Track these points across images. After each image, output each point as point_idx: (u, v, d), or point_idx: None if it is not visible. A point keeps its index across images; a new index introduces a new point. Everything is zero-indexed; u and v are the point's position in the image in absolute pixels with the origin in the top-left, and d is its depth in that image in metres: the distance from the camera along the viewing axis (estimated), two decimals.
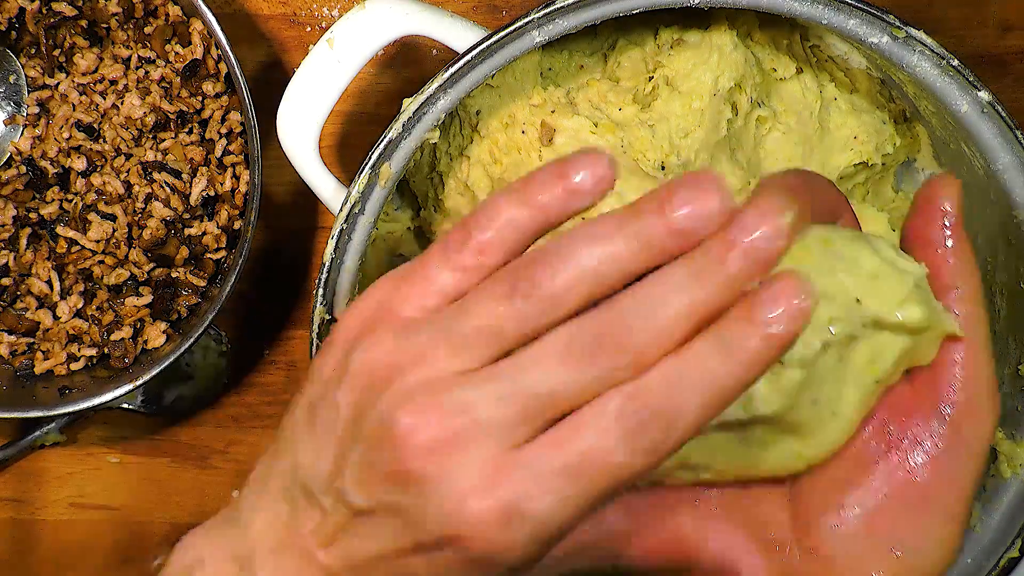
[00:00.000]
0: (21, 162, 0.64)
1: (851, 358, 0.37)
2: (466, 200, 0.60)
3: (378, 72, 0.67)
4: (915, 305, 0.37)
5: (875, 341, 0.37)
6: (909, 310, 0.37)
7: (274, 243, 0.68)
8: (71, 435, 0.69)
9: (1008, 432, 0.54)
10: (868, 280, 0.37)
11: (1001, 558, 0.52)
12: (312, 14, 0.67)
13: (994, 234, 0.55)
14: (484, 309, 0.33)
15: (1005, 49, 0.65)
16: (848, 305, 0.36)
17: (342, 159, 0.67)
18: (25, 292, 0.64)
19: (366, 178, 0.52)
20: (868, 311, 0.36)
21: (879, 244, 0.38)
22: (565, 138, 0.57)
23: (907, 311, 0.37)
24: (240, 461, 0.69)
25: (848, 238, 0.38)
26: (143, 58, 0.64)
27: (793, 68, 0.60)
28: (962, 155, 0.55)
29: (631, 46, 0.60)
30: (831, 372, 0.37)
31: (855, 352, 0.37)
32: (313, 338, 0.53)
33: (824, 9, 0.51)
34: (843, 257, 0.37)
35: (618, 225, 0.33)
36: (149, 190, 0.63)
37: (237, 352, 0.68)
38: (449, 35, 0.54)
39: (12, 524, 0.70)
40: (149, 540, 0.69)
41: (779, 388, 0.36)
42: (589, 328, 0.32)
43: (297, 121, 0.55)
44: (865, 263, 0.37)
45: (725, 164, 0.58)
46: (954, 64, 0.51)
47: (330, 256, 0.52)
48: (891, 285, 0.37)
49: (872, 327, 0.37)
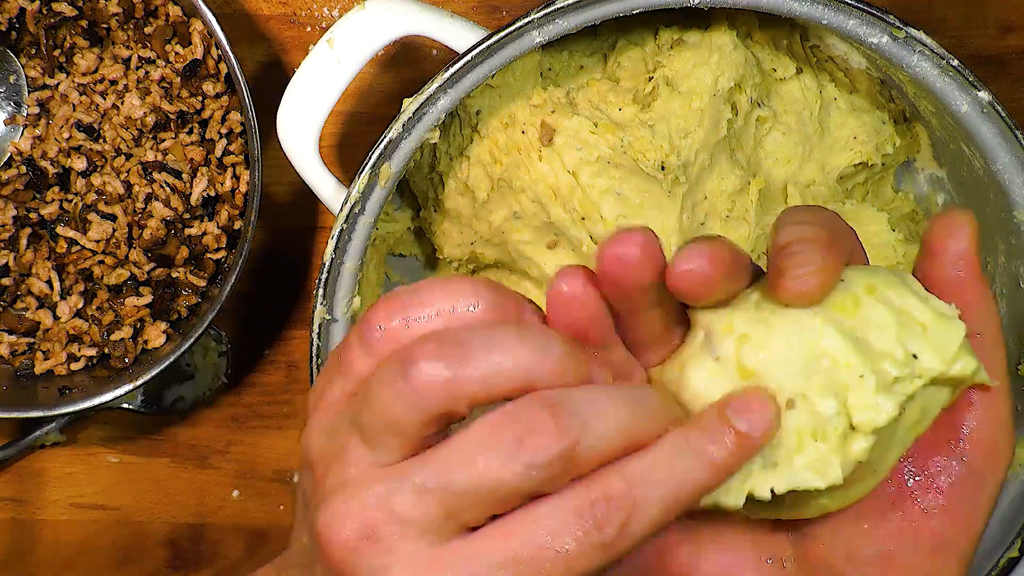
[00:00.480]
0: (21, 162, 0.64)
1: (904, 419, 0.36)
2: (466, 200, 0.60)
3: (378, 72, 0.67)
4: (968, 357, 0.35)
5: (924, 397, 0.36)
6: (964, 363, 0.35)
7: (274, 243, 0.68)
8: (71, 435, 0.69)
9: None
10: (920, 332, 0.35)
11: (1001, 558, 0.52)
12: (312, 14, 0.67)
13: (994, 234, 0.55)
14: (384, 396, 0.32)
15: (1005, 49, 0.65)
16: (908, 363, 0.35)
17: (342, 159, 0.67)
18: (25, 292, 0.64)
19: (366, 178, 0.52)
20: (926, 367, 0.35)
21: (914, 283, 0.37)
22: (565, 138, 0.57)
23: (962, 364, 0.35)
24: (240, 461, 0.69)
25: (890, 283, 0.36)
26: (143, 58, 0.64)
27: (793, 68, 0.60)
28: (962, 155, 0.55)
29: (631, 46, 0.60)
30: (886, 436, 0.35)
31: (908, 411, 0.36)
32: (313, 338, 0.53)
33: (824, 9, 0.51)
34: (892, 305, 0.35)
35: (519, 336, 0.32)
36: (149, 190, 0.63)
37: (237, 352, 0.68)
38: (449, 35, 0.54)
39: (12, 524, 0.70)
40: (149, 540, 0.69)
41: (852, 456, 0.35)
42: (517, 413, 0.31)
43: (297, 121, 0.55)
44: (913, 309, 0.35)
45: (725, 164, 0.58)
46: (954, 64, 0.51)
47: (330, 256, 0.52)
48: (943, 335, 0.35)
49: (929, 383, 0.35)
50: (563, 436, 0.30)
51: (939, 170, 0.61)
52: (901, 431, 0.36)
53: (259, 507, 0.69)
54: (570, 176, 0.57)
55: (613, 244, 0.33)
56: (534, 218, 0.58)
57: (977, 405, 0.37)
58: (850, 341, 0.35)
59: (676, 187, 0.57)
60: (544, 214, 0.58)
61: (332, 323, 0.53)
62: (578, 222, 0.57)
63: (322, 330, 0.53)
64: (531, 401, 0.31)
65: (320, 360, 0.53)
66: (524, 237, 0.58)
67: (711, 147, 0.58)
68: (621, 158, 0.57)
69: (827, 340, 0.35)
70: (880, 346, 0.35)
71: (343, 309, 0.53)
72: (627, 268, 0.33)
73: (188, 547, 0.69)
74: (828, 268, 0.34)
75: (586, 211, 0.56)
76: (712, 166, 0.58)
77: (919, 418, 0.36)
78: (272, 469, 0.69)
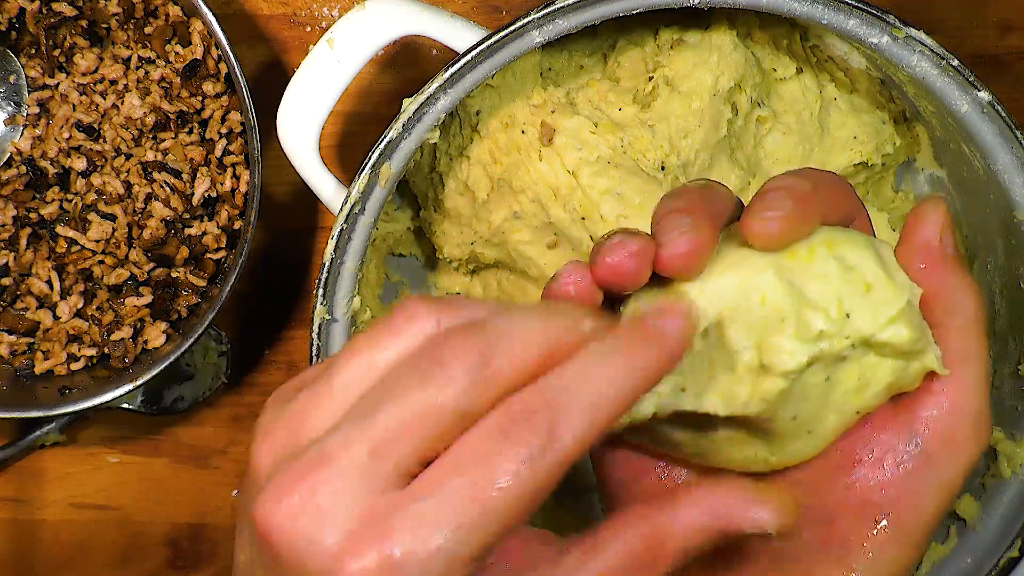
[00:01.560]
0: (21, 162, 0.64)
1: (839, 381, 0.36)
2: (466, 200, 0.60)
3: (378, 72, 0.67)
4: (904, 327, 0.35)
5: (864, 365, 0.36)
6: (896, 331, 0.35)
7: (274, 243, 0.68)
8: (71, 435, 0.69)
9: (1008, 432, 0.54)
10: (862, 291, 0.35)
11: (1001, 558, 0.52)
12: (312, 14, 0.67)
13: (993, 234, 0.55)
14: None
15: (1005, 49, 0.65)
16: (839, 320, 0.35)
17: (342, 159, 0.67)
18: (25, 292, 0.64)
19: (366, 178, 0.52)
20: (856, 328, 0.35)
21: (886, 252, 0.37)
22: (565, 138, 0.57)
23: (894, 332, 0.35)
24: (240, 461, 0.69)
25: (855, 243, 0.36)
26: (143, 58, 0.64)
27: (793, 68, 0.60)
28: (962, 155, 0.55)
29: (631, 46, 0.60)
30: (816, 393, 0.36)
31: (843, 374, 0.36)
32: (313, 338, 0.53)
33: (824, 9, 0.51)
34: (844, 262, 0.36)
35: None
36: (149, 190, 0.63)
37: (237, 352, 0.68)
38: (449, 35, 0.54)
39: (12, 524, 0.70)
40: (149, 540, 0.70)
41: (759, 393, 0.35)
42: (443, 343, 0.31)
43: (297, 121, 0.55)
44: (865, 271, 0.36)
45: (725, 164, 0.58)
46: (954, 64, 0.51)
47: (330, 256, 0.52)
48: (884, 299, 0.35)
49: (861, 347, 0.36)
50: (474, 348, 0.30)
51: (939, 170, 0.61)
52: (837, 395, 0.36)
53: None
54: (570, 176, 0.57)
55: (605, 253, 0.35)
56: (534, 218, 0.58)
57: (939, 394, 0.37)
58: (785, 285, 0.35)
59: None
60: (544, 214, 0.58)
61: (332, 323, 0.53)
62: (578, 222, 0.57)
63: (322, 330, 0.53)
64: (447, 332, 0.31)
65: (320, 360, 0.53)
66: (524, 237, 0.59)
67: (711, 147, 0.58)
68: (621, 158, 0.57)
69: (763, 278, 0.35)
70: (815, 297, 0.35)
71: (343, 309, 0.53)
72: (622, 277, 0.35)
73: (188, 547, 0.69)
74: (794, 217, 0.35)
75: (586, 211, 0.56)
76: (712, 166, 0.58)
77: (857, 386, 0.36)
78: None
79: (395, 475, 0.30)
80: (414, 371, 0.31)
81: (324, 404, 0.32)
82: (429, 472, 0.30)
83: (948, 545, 0.54)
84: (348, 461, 0.30)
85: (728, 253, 0.36)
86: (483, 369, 0.30)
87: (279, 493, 0.30)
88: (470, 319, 0.32)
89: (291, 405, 0.32)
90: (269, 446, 0.32)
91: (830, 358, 0.35)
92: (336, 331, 0.54)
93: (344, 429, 0.30)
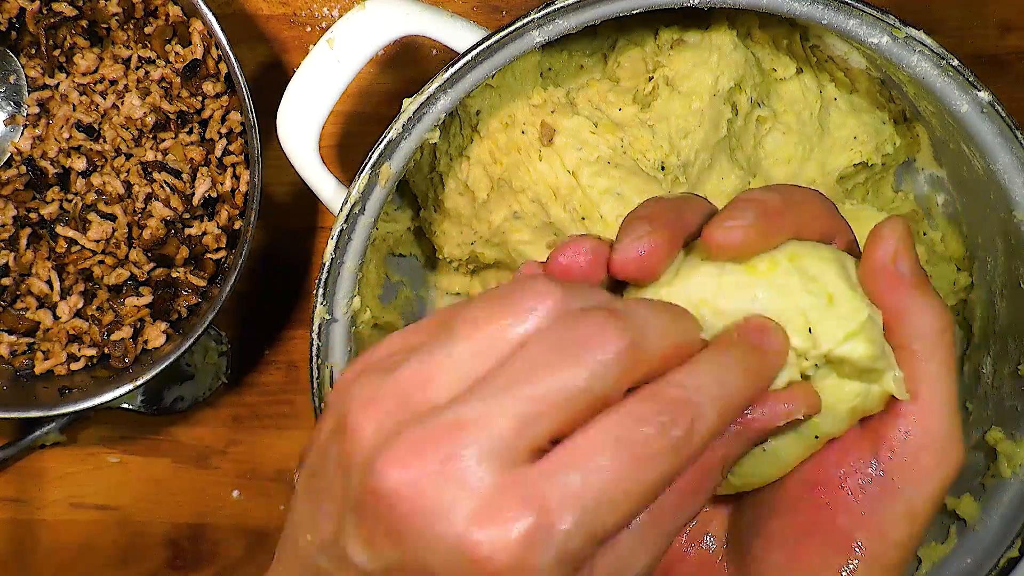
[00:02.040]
0: (21, 162, 0.64)
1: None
2: (466, 200, 0.60)
3: (378, 72, 0.67)
4: (862, 342, 0.34)
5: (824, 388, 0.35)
6: (853, 347, 0.34)
7: (274, 243, 0.68)
8: (71, 435, 0.69)
9: (1008, 432, 0.54)
10: (824, 304, 0.35)
11: (1001, 558, 0.52)
12: (312, 14, 0.67)
13: (993, 234, 0.55)
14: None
15: (1005, 49, 0.65)
16: (802, 334, 0.35)
17: (342, 159, 0.67)
18: (25, 292, 0.64)
19: (366, 178, 0.52)
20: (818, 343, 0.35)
21: (852, 268, 0.36)
22: (565, 138, 0.57)
23: (851, 347, 0.34)
24: (240, 461, 0.69)
25: (820, 256, 0.36)
26: (143, 58, 0.64)
27: (793, 68, 0.60)
28: (962, 155, 0.55)
29: (631, 46, 0.60)
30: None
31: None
32: (313, 338, 0.53)
33: (824, 9, 0.51)
34: (806, 274, 0.35)
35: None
36: (149, 190, 0.63)
37: (237, 352, 0.68)
38: (449, 35, 0.54)
39: (12, 524, 0.70)
40: (149, 540, 0.70)
41: None
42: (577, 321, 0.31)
43: (297, 121, 0.55)
44: (828, 283, 0.35)
45: (725, 164, 0.58)
46: (954, 64, 0.51)
47: (330, 256, 0.52)
48: (845, 312, 0.35)
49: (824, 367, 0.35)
50: (625, 334, 0.31)
51: (939, 170, 0.61)
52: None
53: (259, 507, 0.69)
54: (570, 176, 0.57)
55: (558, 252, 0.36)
56: (534, 218, 0.58)
57: (903, 417, 0.36)
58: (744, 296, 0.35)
59: (676, 187, 0.57)
60: (544, 214, 0.58)
61: (332, 323, 0.53)
62: (578, 222, 0.57)
63: (322, 330, 0.53)
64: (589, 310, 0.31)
65: (320, 360, 0.53)
66: (524, 237, 0.59)
67: (711, 147, 0.58)
68: (621, 158, 0.57)
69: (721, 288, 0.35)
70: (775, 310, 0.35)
71: (343, 309, 0.53)
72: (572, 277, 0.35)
73: (188, 547, 0.69)
74: (757, 228, 0.35)
75: (586, 211, 0.56)
76: (712, 166, 0.58)
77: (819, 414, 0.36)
78: (272, 469, 0.69)
79: (528, 451, 0.30)
80: (558, 351, 0.30)
81: (445, 374, 0.31)
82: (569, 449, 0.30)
83: (948, 545, 0.55)
84: (488, 432, 0.30)
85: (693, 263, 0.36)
86: (631, 356, 0.31)
87: (405, 459, 0.30)
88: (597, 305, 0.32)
89: (400, 372, 0.31)
90: (375, 412, 0.31)
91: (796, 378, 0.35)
92: (336, 331, 0.54)
93: (485, 400, 0.30)
